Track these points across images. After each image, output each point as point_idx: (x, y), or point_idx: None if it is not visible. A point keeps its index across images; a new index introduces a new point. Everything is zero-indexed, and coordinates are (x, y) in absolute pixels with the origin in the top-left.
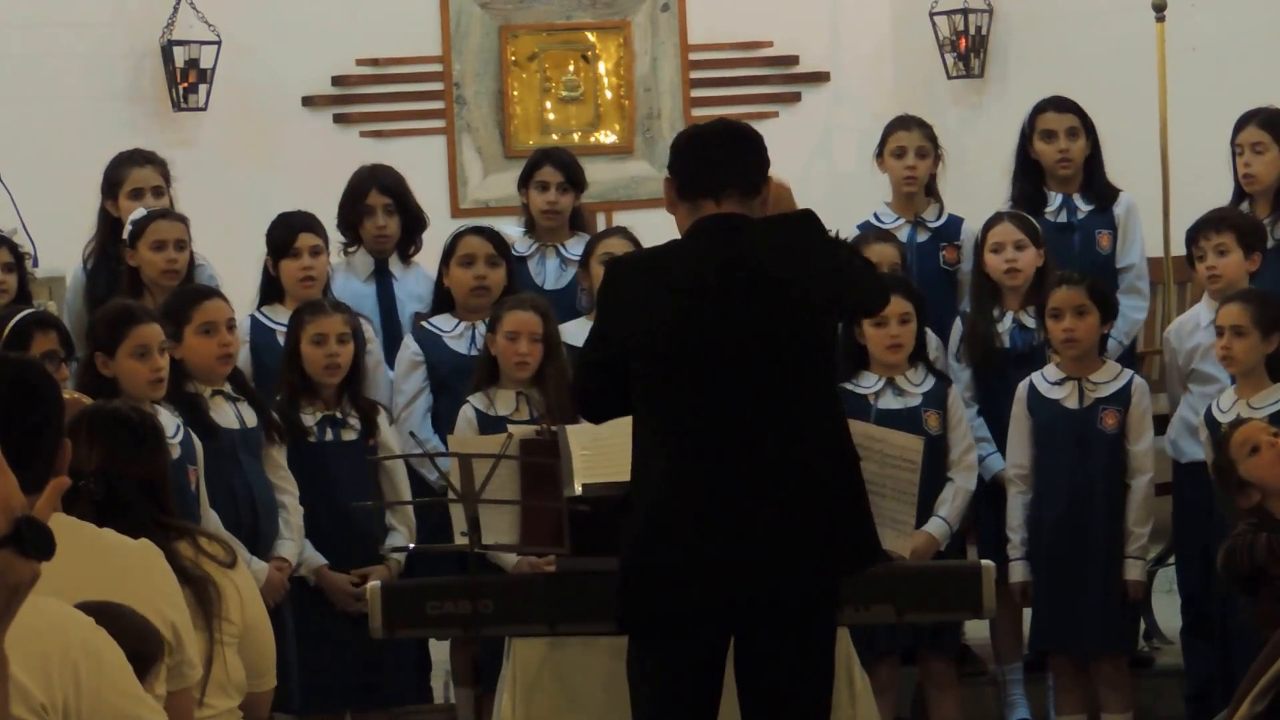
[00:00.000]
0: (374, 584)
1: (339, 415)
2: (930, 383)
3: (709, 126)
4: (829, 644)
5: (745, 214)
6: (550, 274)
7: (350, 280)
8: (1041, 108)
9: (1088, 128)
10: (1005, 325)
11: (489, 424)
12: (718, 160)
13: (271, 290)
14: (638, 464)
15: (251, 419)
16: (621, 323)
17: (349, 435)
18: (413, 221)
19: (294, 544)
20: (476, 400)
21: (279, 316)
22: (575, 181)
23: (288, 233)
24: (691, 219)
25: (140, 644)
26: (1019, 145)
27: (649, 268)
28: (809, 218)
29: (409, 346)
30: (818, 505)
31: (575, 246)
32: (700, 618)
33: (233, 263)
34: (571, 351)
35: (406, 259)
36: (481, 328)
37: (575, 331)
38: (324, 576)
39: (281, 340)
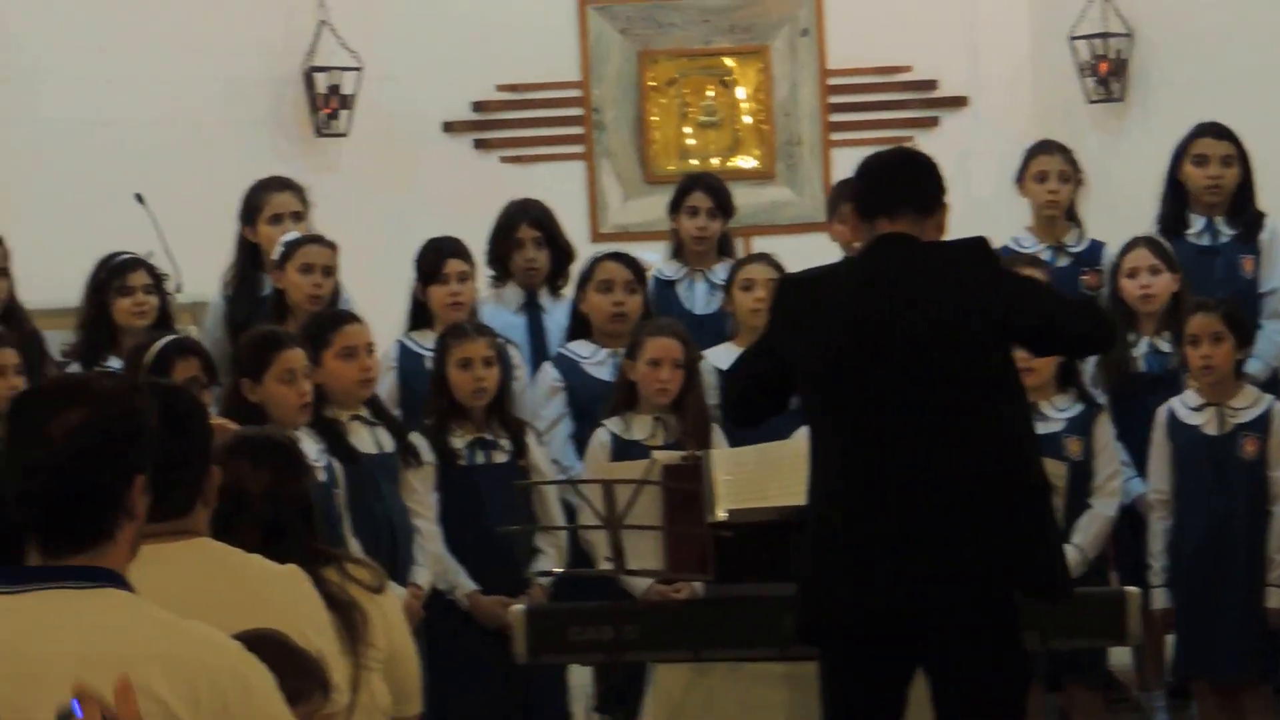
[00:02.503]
0: (518, 609)
1: (489, 437)
2: (1077, 409)
3: (888, 151)
4: (1006, 661)
5: (916, 235)
6: (699, 299)
7: (500, 312)
8: (1199, 132)
9: (1242, 156)
10: (1140, 350)
11: (625, 449)
12: (894, 179)
13: (420, 316)
14: (811, 479)
15: (388, 444)
16: (787, 340)
17: (500, 457)
18: (561, 255)
19: (428, 570)
20: (612, 425)
21: (427, 342)
22: (724, 207)
23: (436, 258)
24: (867, 239)
25: (298, 672)
26: (1170, 167)
27: (817, 287)
28: (979, 243)
29: (548, 373)
30: (964, 522)
31: (723, 272)
32: (865, 628)
33: (373, 287)
34: (719, 375)
35: (555, 291)
36: (623, 354)
37: (723, 356)
38: (476, 602)
39: (429, 365)
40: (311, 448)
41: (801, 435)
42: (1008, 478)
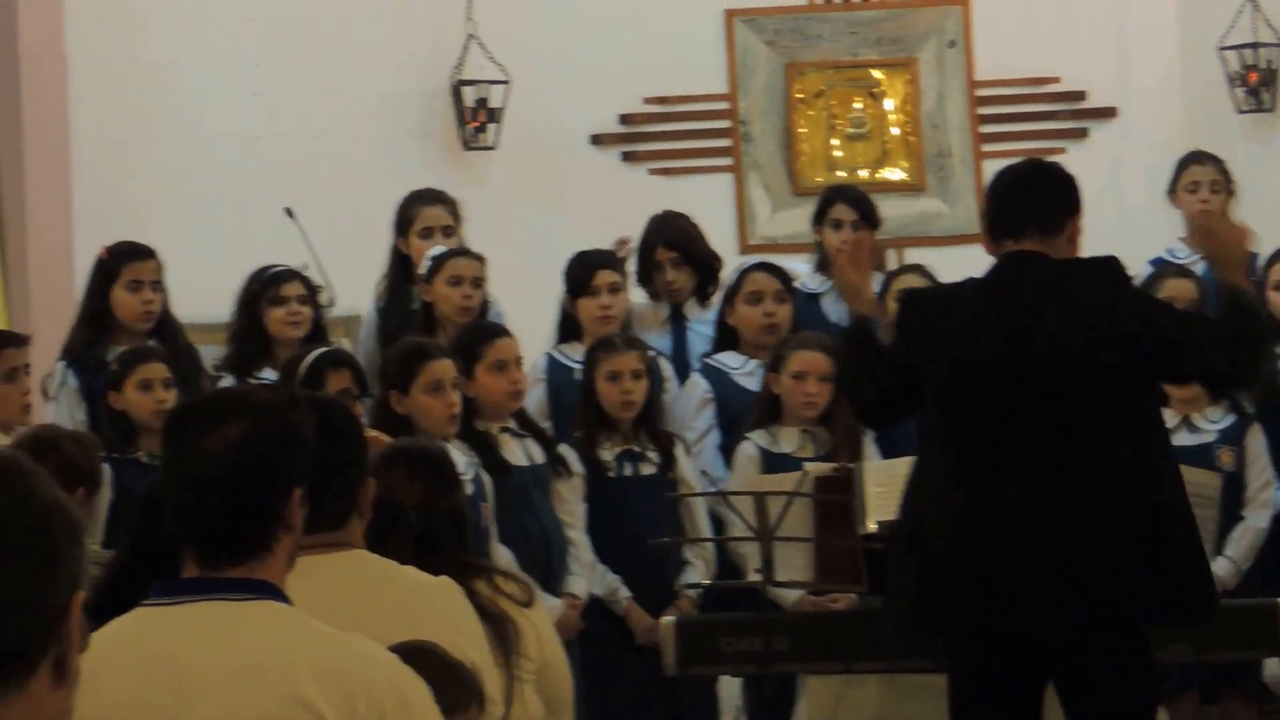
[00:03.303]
0: (668, 620)
1: (637, 449)
2: (1229, 420)
3: (1015, 167)
4: (1136, 679)
5: (1046, 252)
6: (844, 311)
7: (649, 328)
8: None
9: None
10: None
11: (772, 461)
12: (1018, 200)
13: (569, 328)
14: (918, 489)
15: (538, 455)
16: (911, 350)
17: (648, 469)
18: (705, 268)
19: (584, 580)
20: (758, 437)
21: (576, 354)
22: (869, 219)
23: (586, 271)
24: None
25: (453, 684)
26: None
27: (943, 302)
28: (1110, 262)
29: (698, 384)
30: (1090, 543)
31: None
32: (990, 644)
33: (521, 300)
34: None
35: (704, 303)
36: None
37: None
38: (633, 611)
39: (578, 378)
40: (459, 459)
41: None
42: (1134, 499)
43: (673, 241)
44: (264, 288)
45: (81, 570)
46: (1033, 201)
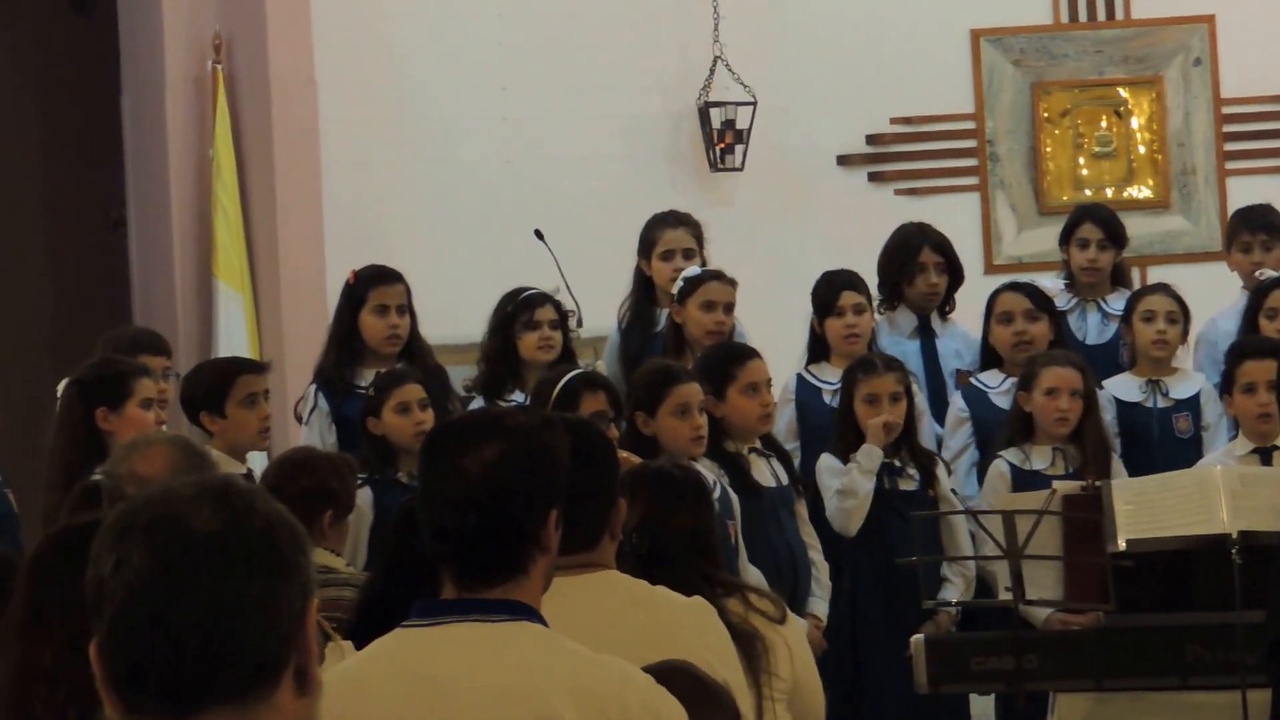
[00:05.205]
0: (918, 638)
1: (897, 465)
2: None
3: None
4: None
5: None
6: (1091, 329)
7: (893, 337)
8: None
9: None
10: None
11: (1023, 479)
12: None
13: (818, 348)
14: None
15: (784, 476)
16: None
17: (907, 485)
18: (955, 279)
19: (825, 601)
20: (1010, 455)
21: (825, 375)
22: (1115, 238)
23: (831, 291)
24: None
25: (709, 704)
26: None
27: None
28: None
29: (955, 403)
30: None
31: (1116, 302)
32: None
33: (768, 320)
34: (1119, 406)
35: (944, 316)
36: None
37: (1117, 386)
38: None
39: (827, 399)
40: (708, 478)
41: (1205, 464)
42: None
43: (939, 245)
44: (517, 310)
45: (311, 579)
46: None
